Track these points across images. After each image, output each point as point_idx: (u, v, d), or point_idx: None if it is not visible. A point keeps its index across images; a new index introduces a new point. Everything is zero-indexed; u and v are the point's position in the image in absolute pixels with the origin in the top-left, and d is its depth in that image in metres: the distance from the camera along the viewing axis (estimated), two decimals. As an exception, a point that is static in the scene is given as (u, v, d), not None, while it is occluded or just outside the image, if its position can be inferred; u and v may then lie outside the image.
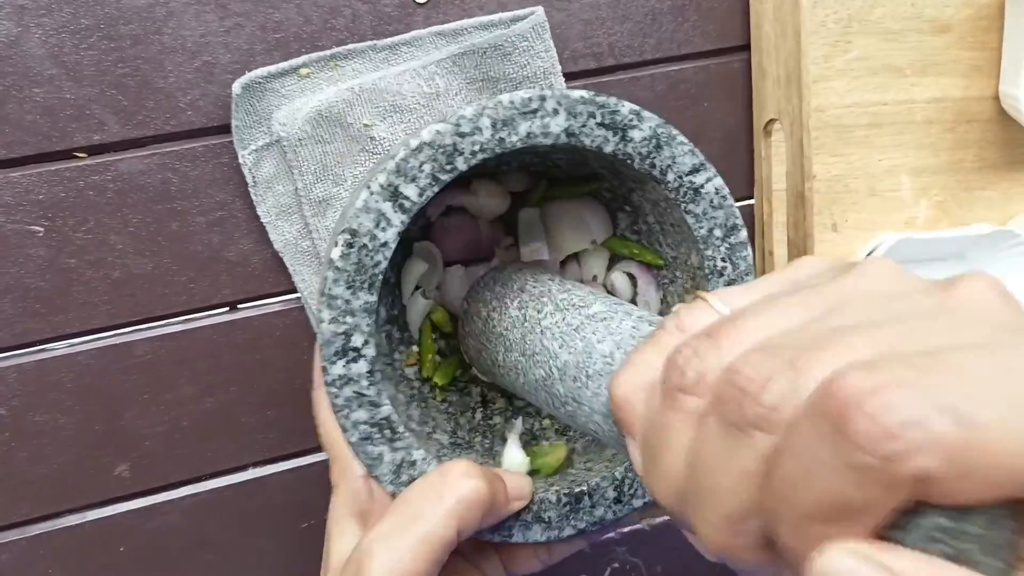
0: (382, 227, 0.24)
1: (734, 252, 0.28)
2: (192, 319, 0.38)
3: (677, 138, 0.26)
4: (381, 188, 0.24)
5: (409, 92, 0.36)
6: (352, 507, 0.27)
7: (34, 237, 0.35)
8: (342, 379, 0.25)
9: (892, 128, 0.39)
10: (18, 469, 0.37)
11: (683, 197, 0.27)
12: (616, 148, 0.26)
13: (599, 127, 0.26)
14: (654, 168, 0.27)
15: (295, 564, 0.41)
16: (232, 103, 0.35)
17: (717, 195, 0.27)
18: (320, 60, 0.36)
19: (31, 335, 0.36)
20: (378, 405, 0.26)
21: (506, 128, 0.25)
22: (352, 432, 0.25)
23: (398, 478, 0.26)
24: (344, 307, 0.24)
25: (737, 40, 0.41)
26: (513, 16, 0.37)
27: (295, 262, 0.38)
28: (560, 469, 0.31)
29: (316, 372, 0.31)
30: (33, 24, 0.33)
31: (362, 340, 0.25)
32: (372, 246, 0.24)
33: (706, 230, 0.28)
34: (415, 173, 0.24)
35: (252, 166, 0.36)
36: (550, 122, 0.25)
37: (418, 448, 0.26)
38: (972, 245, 0.41)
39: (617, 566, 0.46)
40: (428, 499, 0.24)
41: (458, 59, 0.36)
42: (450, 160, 0.24)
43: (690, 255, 0.29)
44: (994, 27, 0.39)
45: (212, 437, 0.39)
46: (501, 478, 0.26)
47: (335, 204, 0.37)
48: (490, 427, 0.34)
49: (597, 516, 0.29)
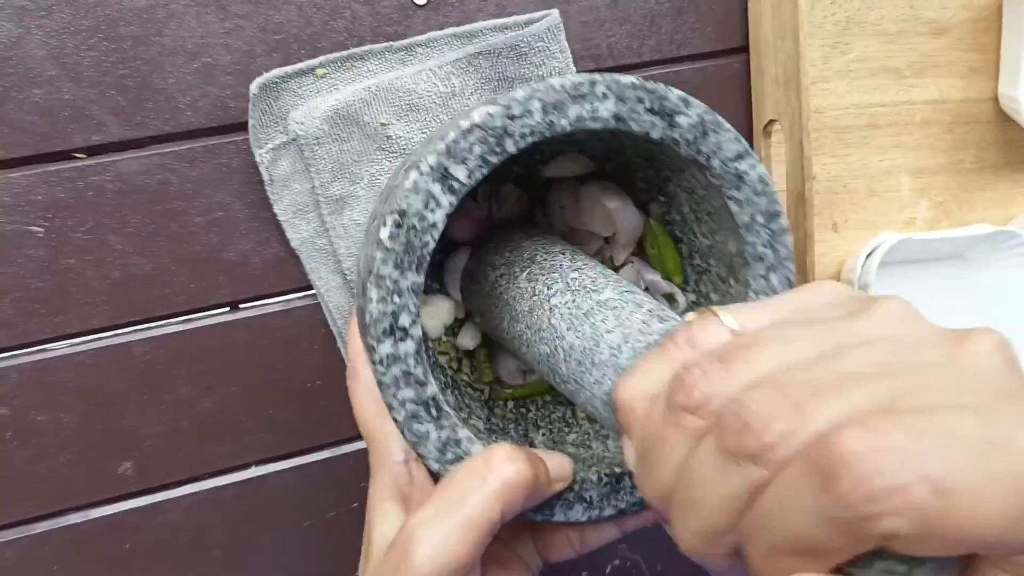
0: (431, 208, 0.24)
1: (775, 238, 0.28)
2: (191, 319, 0.38)
3: (723, 125, 0.26)
4: (431, 169, 0.24)
5: (425, 91, 0.36)
6: (393, 491, 0.27)
7: (33, 237, 0.35)
8: (390, 358, 0.25)
9: (891, 129, 0.39)
10: (20, 468, 0.37)
11: (727, 184, 0.27)
12: (663, 134, 0.26)
13: (647, 112, 0.26)
14: (699, 154, 0.26)
15: (297, 562, 0.41)
16: (249, 103, 0.35)
17: (760, 182, 0.27)
18: (337, 60, 0.36)
19: (31, 335, 0.36)
20: (424, 384, 0.25)
21: (556, 111, 0.25)
22: (399, 410, 0.25)
23: (443, 456, 0.26)
24: (392, 287, 0.24)
25: (736, 42, 0.41)
26: (528, 18, 0.37)
27: (311, 260, 0.38)
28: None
29: (350, 360, 0.31)
30: (34, 25, 0.33)
31: (409, 320, 0.25)
32: (421, 227, 0.24)
33: (748, 216, 0.27)
34: (465, 155, 0.24)
35: (269, 165, 0.36)
36: (599, 106, 0.25)
37: (462, 427, 0.27)
38: (972, 245, 0.41)
39: (618, 563, 0.46)
40: (473, 482, 0.24)
41: (473, 59, 0.36)
42: (500, 142, 0.24)
43: (727, 243, 0.29)
44: (992, 29, 0.39)
45: (213, 436, 0.39)
46: (542, 459, 0.26)
47: (351, 202, 0.37)
48: (522, 415, 0.34)
49: (637, 497, 0.29)
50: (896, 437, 0.14)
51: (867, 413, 0.15)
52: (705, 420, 0.17)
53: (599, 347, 0.24)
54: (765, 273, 0.28)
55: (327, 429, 0.41)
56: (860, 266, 0.38)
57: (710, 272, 0.32)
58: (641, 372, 0.20)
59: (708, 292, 0.32)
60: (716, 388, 0.17)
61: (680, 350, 0.19)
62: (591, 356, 0.25)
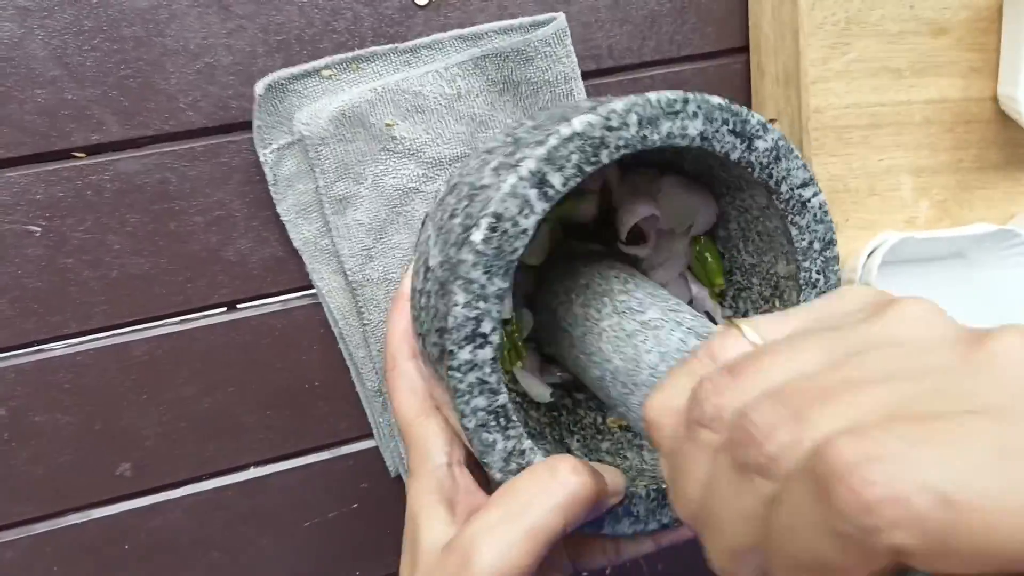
0: (525, 214, 0.24)
1: (828, 265, 0.29)
2: (190, 319, 0.38)
3: (793, 152, 0.27)
4: (530, 174, 0.24)
5: (431, 93, 0.36)
6: (439, 494, 0.27)
7: (31, 237, 0.35)
8: (468, 364, 0.24)
9: (891, 129, 0.39)
10: (19, 469, 0.37)
11: (791, 209, 0.28)
12: (741, 155, 0.26)
13: (730, 134, 0.26)
14: (771, 178, 0.27)
15: (297, 563, 0.41)
16: (254, 103, 0.35)
17: (820, 210, 0.28)
18: (342, 62, 0.36)
19: (29, 335, 0.36)
20: (497, 393, 0.25)
21: (650, 126, 0.25)
22: (470, 418, 0.25)
23: (507, 466, 0.26)
24: (479, 292, 0.24)
25: (736, 42, 0.41)
26: (533, 21, 0.37)
27: (314, 260, 0.38)
28: None
29: (390, 353, 0.30)
30: (36, 26, 0.33)
31: (491, 327, 0.24)
32: (513, 232, 0.24)
33: (807, 242, 0.28)
34: (563, 162, 0.24)
35: (273, 165, 0.36)
36: (688, 124, 0.25)
37: (527, 438, 0.26)
38: (972, 244, 0.41)
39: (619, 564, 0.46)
40: (537, 493, 0.24)
41: (479, 62, 0.36)
42: (596, 152, 0.24)
43: (776, 264, 0.30)
44: (992, 29, 0.39)
45: (212, 437, 0.39)
46: (602, 474, 0.26)
47: (355, 202, 0.37)
48: (555, 419, 0.34)
49: None
50: (894, 445, 0.13)
51: (868, 421, 0.14)
52: (719, 433, 0.17)
53: (639, 368, 0.24)
54: (816, 298, 0.28)
55: (327, 429, 0.41)
56: (861, 265, 0.38)
57: (751, 290, 0.32)
58: (667, 388, 0.20)
59: (747, 310, 0.32)
60: (726, 400, 0.17)
61: (701, 364, 0.19)
62: (633, 378, 0.25)
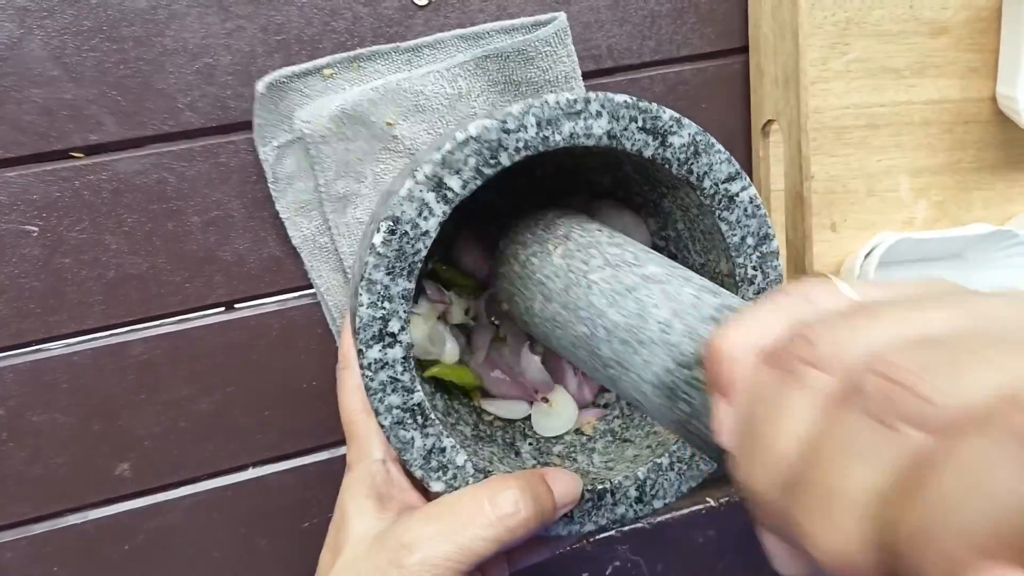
0: (424, 216, 0.25)
1: (765, 261, 0.28)
2: (188, 319, 0.38)
3: (715, 146, 0.27)
4: (426, 178, 0.25)
5: (432, 93, 0.36)
6: (370, 488, 0.28)
7: (28, 237, 0.35)
8: (378, 363, 0.25)
9: (890, 129, 0.39)
10: (18, 469, 0.37)
11: (718, 204, 0.27)
12: (655, 152, 0.26)
13: (640, 131, 0.26)
14: (691, 174, 0.27)
15: (296, 563, 0.41)
16: (254, 101, 0.35)
17: (751, 204, 0.28)
18: (344, 61, 0.36)
19: (26, 335, 0.36)
20: (411, 391, 0.26)
21: (550, 127, 0.25)
22: (385, 416, 0.26)
23: (428, 464, 0.27)
24: (383, 292, 0.25)
25: (735, 42, 0.41)
26: (535, 20, 0.37)
27: (313, 258, 0.38)
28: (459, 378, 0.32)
29: (342, 352, 0.31)
30: (35, 26, 0.33)
31: (399, 326, 0.25)
32: (413, 234, 0.25)
33: (739, 238, 0.28)
34: (460, 166, 0.25)
35: (273, 162, 0.36)
36: (593, 124, 0.26)
37: (447, 436, 0.27)
38: (971, 245, 0.41)
39: (619, 564, 0.46)
40: (476, 519, 0.25)
41: (481, 62, 0.36)
42: (494, 155, 0.25)
43: (719, 262, 0.29)
44: (991, 29, 0.39)
45: (210, 437, 0.39)
46: (551, 490, 0.26)
47: (355, 200, 0.37)
48: (510, 422, 0.34)
49: (618, 514, 0.29)
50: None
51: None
52: (834, 376, 0.14)
53: (646, 324, 0.23)
54: (754, 296, 0.28)
55: (325, 430, 0.40)
56: (859, 266, 0.38)
57: None
58: (747, 323, 0.17)
59: None
60: (846, 341, 0.14)
61: (796, 304, 0.16)
62: (636, 334, 0.23)
